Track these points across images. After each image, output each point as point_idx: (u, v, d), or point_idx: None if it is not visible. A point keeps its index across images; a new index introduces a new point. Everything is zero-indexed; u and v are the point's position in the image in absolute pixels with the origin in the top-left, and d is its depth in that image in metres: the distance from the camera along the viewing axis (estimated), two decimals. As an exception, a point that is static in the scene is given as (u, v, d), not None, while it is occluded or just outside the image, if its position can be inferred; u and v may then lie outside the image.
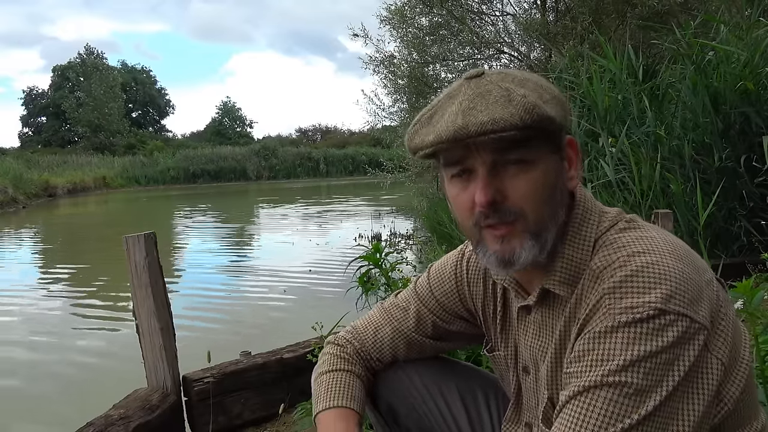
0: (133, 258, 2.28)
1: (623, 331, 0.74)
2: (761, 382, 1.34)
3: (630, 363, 0.73)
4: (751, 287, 1.36)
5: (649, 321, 0.73)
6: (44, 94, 45.50)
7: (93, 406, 2.27)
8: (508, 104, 0.77)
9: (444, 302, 1.10)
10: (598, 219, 0.87)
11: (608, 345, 0.75)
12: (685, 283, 0.75)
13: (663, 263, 0.77)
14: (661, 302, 0.73)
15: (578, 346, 0.79)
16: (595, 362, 0.76)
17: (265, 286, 6.71)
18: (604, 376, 0.74)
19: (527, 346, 0.96)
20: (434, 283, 1.12)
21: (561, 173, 0.85)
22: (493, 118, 0.76)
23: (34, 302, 6.38)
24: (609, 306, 0.77)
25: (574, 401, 0.76)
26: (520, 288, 0.95)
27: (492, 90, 0.79)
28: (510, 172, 0.80)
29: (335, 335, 1.21)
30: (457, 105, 0.80)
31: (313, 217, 14.71)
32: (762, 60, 3.86)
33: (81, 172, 29.56)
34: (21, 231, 14.16)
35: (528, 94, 0.78)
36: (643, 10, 7.96)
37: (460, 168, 0.83)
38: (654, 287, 0.75)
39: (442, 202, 8.62)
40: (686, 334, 0.73)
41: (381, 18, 10.35)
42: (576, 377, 0.78)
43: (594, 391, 0.74)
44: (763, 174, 3.49)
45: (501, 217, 0.81)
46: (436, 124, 0.81)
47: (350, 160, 38.20)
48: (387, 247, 2.58)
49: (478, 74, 0.84)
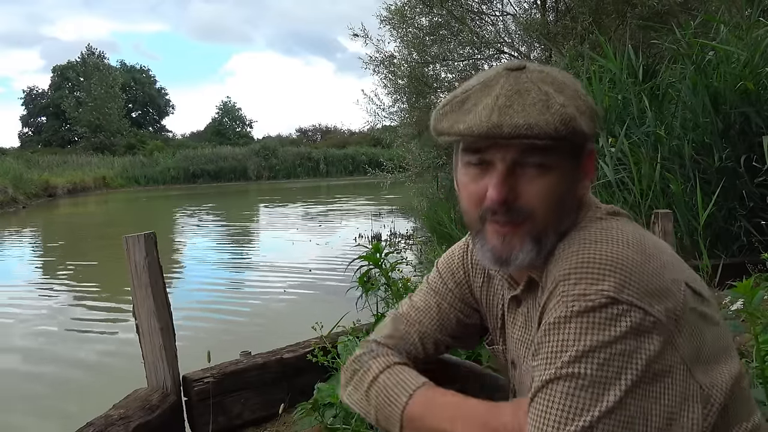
0: (133, 258, 2.28)
1: (576, 321, 0.73)
2: (761, 382, 1.34)
3: (583, 353, 0.72)
4: (751, 287, 1.35)
5: (601, 310, 0.72)
6: (44, 94, 45.51)
7: (93, 406, 2.27)
8: (546, 110, 0.76)
9: (460, 294, 1.08)
10: (586, 212, 0.87)
11: (562, 335, 0.74)
12: (641, 275, 0.74)
13: (620, 253, 0.75)
14: (613, 291, 0.72)
15: (538, 336, 0.79)
16: (551, 354, 0.75)
17: (265, 286, 6.71)
18: (558, 369, 0.73)
19: (515, 340, 0.95)
20: (446, 277, 1.09)
21: (576, 182, 0.84)
22: (528, 122, 0.75)
23: (33, 302, 6.39)
24: (563, 293, 0.76)
25: (537, 396, 0.75)
26: (512, 279, 0.94)
27: (531, 90, 0.78)
28: (528, 175, 0.80)
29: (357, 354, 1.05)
30: (493, 99, 0.78)
31: (313, 217, 14.71)
32: (762, 60, 3.86)
33: (81, 172, 29.55)
34: (21, 231, 14.16)
35: (567, 103, 0.77)
36: (643, 10, 7.96)
37: (479, 158, 0.81)
38: (607, 275, 0.73)
39: (442, 202, 8.63)
40: (640, 327, 0.72)
41: (381, 18, 10.37)
42: (538, 370, 0.77)
43: (552, 384, 0.73)
44: (763, 174, 3.49)
45: (510, 216, 0.81)
46: (468, 113, 0.79)
47: (350, 160, 38.18)
48: (387, 247, 2.58)
49: (519, 67, 0.82)
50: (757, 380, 1.36)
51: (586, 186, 0.87)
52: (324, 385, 2.16)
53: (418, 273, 4.79)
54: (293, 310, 5.52)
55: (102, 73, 41.17)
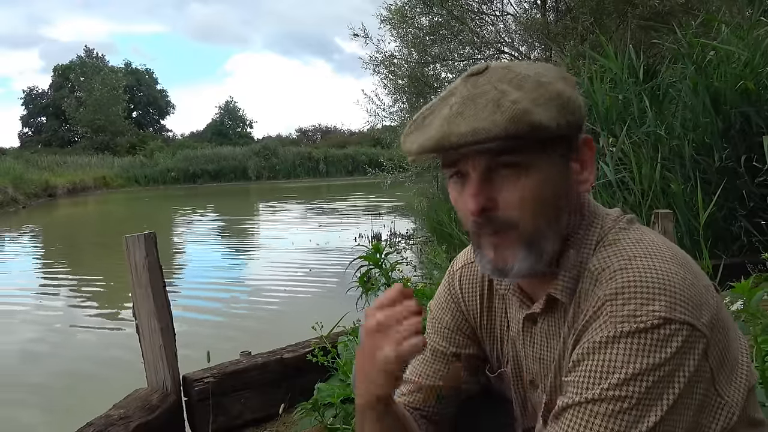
0: (133, 258, 2.28)
1: (625, 342, 0.71)
2: (761, 383, 1.34)
3: (632, 376, 0.70)
4: (750, 287, 1.35)
5: (653, 331, 0.70)
6: (44, 94, 45.47)
7: (93, 406, 2.27)
8: (495, 111, 0.72)
9: (456, 326, 1.03)
10: (602, 221, 0.83)
11: (610, 356, 0.72)
12: (688, 290, 0.73)
13: (665, 269, 0.74)
14: (666, 311, 0.70)
15: (578, 352, 0.76)
16: (595, 373, 0.73)
17: (265, 286, 6.71)
18: (604, 390, 0.71)
19: (536, 359, 0.91)
20: (438, 314, 1.05)
21: (567, 178, 0.80)
22: (474, 128, 0.72)
23: (33, 302, 6.39)
24: (610, 313, 0.73)
25: (572, 411, 0.74)
26: (525, 296, 0.91)
27: (487, 92, 0.74)
28: (503, 177, 0.76)
29: None
30: (448, 109, 0.75)
31: (314, 216, 14.71)
32: (762, 60, 3.86)
33: (81, 172, 29.54)
34: (21, 231, 14.16)
35: (521, 98, 0.73)
36: (644, 10, 7.95)
37: (455, 170, 0.80)
38: (658, 295, 0.71)
39: (442, 202, 8.63)
40: (687, 343, 0.71)
41: (381, 18, 10.38)
42: (574, 386, 0.75)
43: (594, 404, 0.72)
44: (764, 174, 3.48)
45: (493, 226, 0.78)
46: (425, 129, 0.77)
47: (350, 160, 38.14)
48: (387, 247, 2.58)
49: (479, 71, 0.78)
50: (758, 380, 1.35)
51: (587, 178, 0.82)
52: (324, 385, 2.16)
53: (418, 273, 4.79)
54: (293, 310, 5.52)
55: (104, 74, 41.13)
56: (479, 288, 1.00)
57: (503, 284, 0.94)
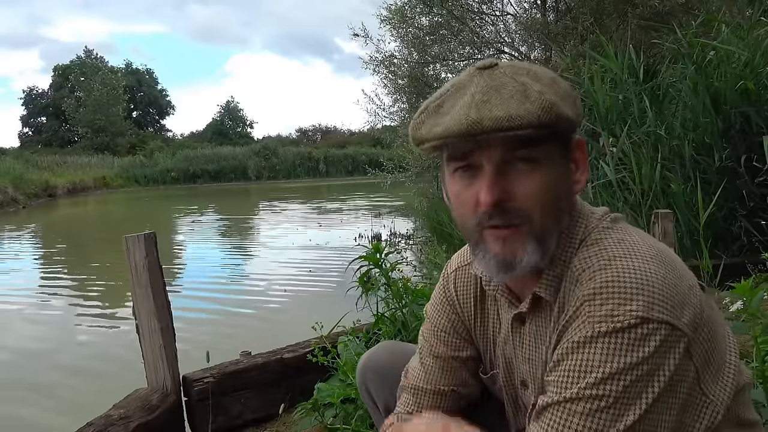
0: (133, 258, 2.28)
1: (603, 341, 0.71)
2: (761, 383, 1.34)
3: (609, 376, 0.70)
4: (750, 287, 1.35)
5: (630, 330, 0.70)
6: (44, 94, 45.47)
7: (93, 406, 2.27)
8: (525, 100, 0.72)
9: (453, 330, 1.03)
10: (586, 220, 0.84)
11: (587, 355, 0.72)
12: (669, 290, 0.72)
13: (644, 268, 0.74)
14: (643, 310, 0.70)
15: (558, 352, 0.77)
16: (573, 373, 0.73)
17: (265, 286, 6.71)
18: (582, 389, 0.72)
19: (525, 359, 0.91)
20: (435, 317, 1.05)
21: (568, 178, 0.81)
22: (509, 114, 0.71)
23: (33, 302, 6.38)
24: (588, 313, 0.73)
25: (552, 410, 0.74)
26: (512, 296, 0.91)
27: (507, 83, 0.74)
28: (518, 171, 0.76)
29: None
30: (470, 97, 0.74)
31: (314, 216, 14.70)
32: (763, 60, 3.86)
33: (81, 172, 29.54)
34: (21, 231, 14.16)
35: (545, 90, 0.74)
36: (644, 10, 7.95)
37: (466, 163, 0.78)
38: (636, 294, 0.71)
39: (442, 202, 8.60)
40: (666, 342, 0.71)
41: (381, 18, 10.37)
42: (554, 385, 0.75)
43: (572, 403, 0.72)
44: (764, 174, 3.49)
45: (506, 218, 0.77)
46: (445, 116, 0.76)
47: (350, 160, 38.14)
48: (387, 247, 2.58)
49: (490, 65, 0.78)
50: (758, 381, 1.35)
51: (580, 179, 0.83)
52: (324, 385, 2.16)
53: (418, 273, 4.79)
54: (293, 310, 5.52)
55: (104, 74, 41.11)
56: (473, 290, 1.01)
57: (491, 285, 0.94)
